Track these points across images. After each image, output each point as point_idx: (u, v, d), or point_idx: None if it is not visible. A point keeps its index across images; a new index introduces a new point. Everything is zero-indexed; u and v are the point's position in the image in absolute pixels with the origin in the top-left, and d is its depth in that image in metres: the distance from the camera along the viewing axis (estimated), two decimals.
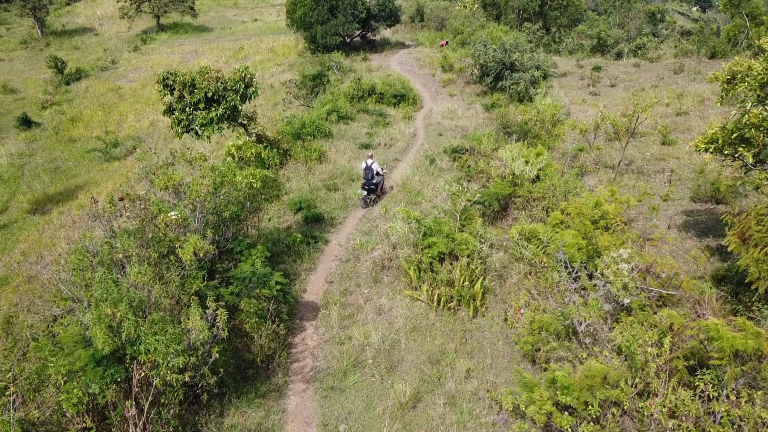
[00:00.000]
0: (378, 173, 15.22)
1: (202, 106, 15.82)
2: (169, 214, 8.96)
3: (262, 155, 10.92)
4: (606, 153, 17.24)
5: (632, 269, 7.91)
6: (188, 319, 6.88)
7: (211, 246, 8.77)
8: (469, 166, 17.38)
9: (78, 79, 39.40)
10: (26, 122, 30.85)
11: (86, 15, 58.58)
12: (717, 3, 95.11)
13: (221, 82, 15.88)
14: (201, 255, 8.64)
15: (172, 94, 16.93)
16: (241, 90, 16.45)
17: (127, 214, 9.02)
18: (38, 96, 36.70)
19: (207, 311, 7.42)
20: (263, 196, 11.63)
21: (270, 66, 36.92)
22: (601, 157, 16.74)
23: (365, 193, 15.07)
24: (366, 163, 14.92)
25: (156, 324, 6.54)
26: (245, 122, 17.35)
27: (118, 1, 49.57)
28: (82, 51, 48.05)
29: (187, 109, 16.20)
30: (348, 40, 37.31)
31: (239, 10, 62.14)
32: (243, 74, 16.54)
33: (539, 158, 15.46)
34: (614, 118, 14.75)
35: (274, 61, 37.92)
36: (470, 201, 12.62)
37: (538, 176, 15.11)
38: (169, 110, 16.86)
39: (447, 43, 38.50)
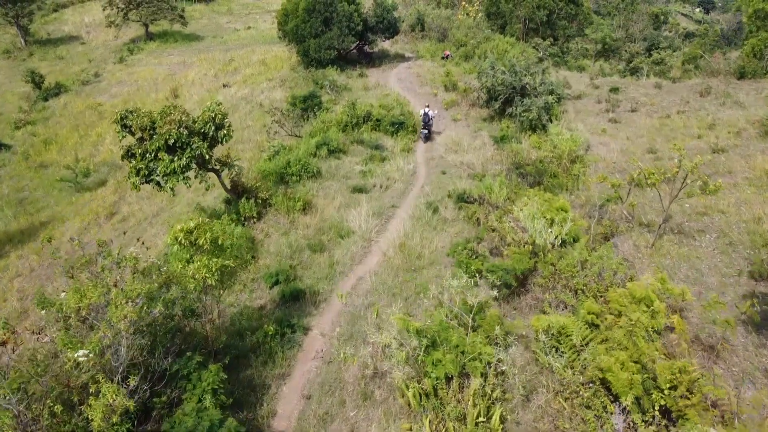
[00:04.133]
0: (431, 116, 21.65)
1: (162, 154, 13.38)
2: (76, 354, 6.52)
3: (220, 241, 8.58)
4: (638, 205, 14.70)
5: None
6: None
7: (131, 402, 6.33)
8: (478, 220, 14.94)
9: (57, 94, 36.90)
10: None
11: (73, 22, 56.11)
12: (719, 4, 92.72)
13: (185, 127, 13.43)
14: (115, 419, 6.20)
15: (132, 135, 14.56)
16: (211, 133, 14.04)
17: (18, 351, 6.59)
18: (13, 115, 34.25)
19: None
20: (221, 291, 9.19)
21: (261, 81, 34.46)
22: (634, 212, 14.26)
23: (426, 131, 21.80)
24: (424, 111, 21.72)
25: None
26: (217, 167, 14.90)
27: (104, 9, 47.12)
28: (67, 61, 45.58)
29: (147, 155, 13.77)
30: (344, 53, 34.78)
31: (232, 17, 59.65)
32: (213, 114, 14.11)
33: (562, 215, 12.97)
34: (655, 176, 12.25)
35: (266, 75, 35.44)
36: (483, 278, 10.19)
37: (563, 240, 12.65)
38: (128, 155, 14.45)
39: (449, 56, 35.83)
